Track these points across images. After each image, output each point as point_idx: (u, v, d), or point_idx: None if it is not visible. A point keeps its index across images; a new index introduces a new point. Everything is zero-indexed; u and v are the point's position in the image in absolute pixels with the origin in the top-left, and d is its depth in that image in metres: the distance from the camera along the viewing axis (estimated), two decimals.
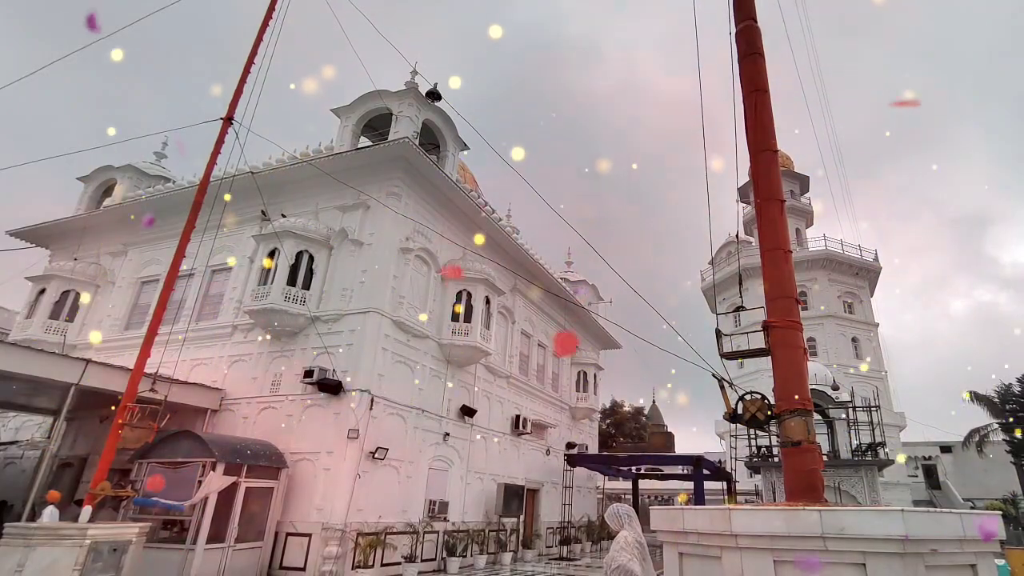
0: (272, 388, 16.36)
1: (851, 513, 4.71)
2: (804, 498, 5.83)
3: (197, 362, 17.68)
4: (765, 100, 7.57)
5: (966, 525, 4.64)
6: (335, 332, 16.27)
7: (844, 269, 41.21)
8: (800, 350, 6.59)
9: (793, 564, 4.63)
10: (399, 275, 17.35)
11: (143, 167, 24.36)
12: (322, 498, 14.30)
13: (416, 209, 18.19)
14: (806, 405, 6.20)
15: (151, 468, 13.19)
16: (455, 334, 18.82)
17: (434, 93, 17.60)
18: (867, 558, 4.41)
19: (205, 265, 18.78)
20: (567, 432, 28.70)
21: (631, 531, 5.60)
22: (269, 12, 12.97)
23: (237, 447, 13.63)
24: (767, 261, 6.98)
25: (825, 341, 38.47)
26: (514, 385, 23.63)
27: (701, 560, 5.43)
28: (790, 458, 6.16)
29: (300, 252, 16.86)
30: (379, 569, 14.51)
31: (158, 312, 11.28)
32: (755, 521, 4.95)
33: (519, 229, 25.98)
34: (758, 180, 7.40)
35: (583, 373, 30.43)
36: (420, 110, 19.12)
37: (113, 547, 9.56)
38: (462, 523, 18.52)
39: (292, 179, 18.53)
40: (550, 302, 27.16)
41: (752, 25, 7.96)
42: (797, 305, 6.75)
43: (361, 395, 15.20)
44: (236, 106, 12.18)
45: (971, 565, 4.71)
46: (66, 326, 20.56)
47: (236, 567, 12.93)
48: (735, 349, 7.47)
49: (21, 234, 23.71)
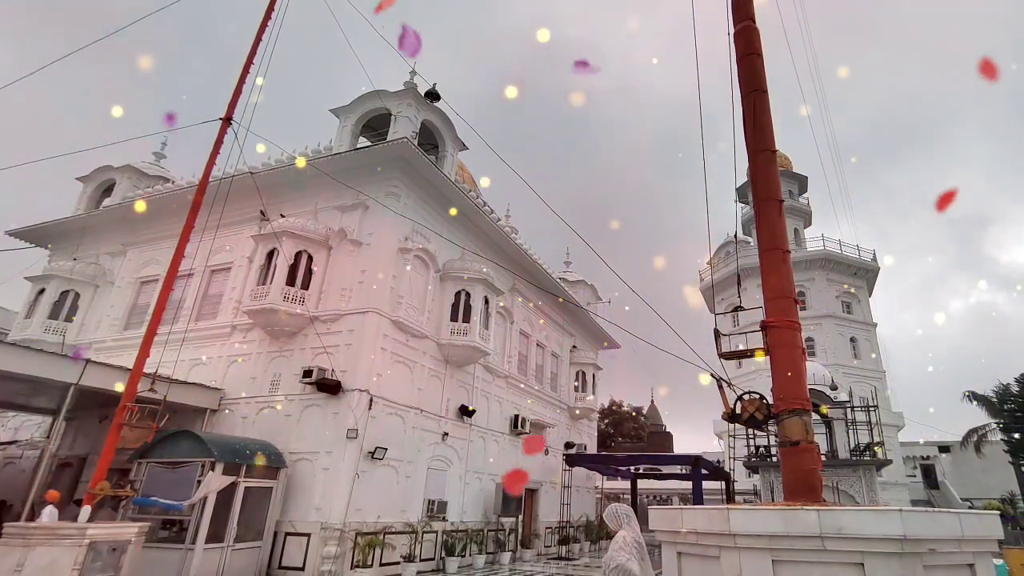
0: (271, 388, 16.36)
1: (849, 513, 4.71)
2: (802, 498, 5.82)
3: (196, 362, 17.69)
4: (763, 100, 7.57)
5: (964, 525, 4.65)
6: (334, 332, 16.28)
7: (842, 269, 41.22)
8: (799, 350, 6.59)
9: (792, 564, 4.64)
10: (398, 275, 17.35)
11: (142, 167, 24.38)
12: (321, 498, 14.31)
13: (415, 209, 18.19)
14: (804, 405, 6.21)
15: (150, 468, 13.20)
16: (454, 334, 18.83)
17: (433, 93, 17.62)
18: (865, 558, 4.41)
19: (204, 265, 18.79)
20: (566, 432, 28.71)
21: (630, 531, 5.62)
22: (268, 12, 12.97)
23: (236, 447, 13.63)
24: (765, 261, 6.98)
25: (823, 341, 38.49)
26: (513, 385, 23.63)
27: (700, 560, 5.42)
28: (788, 458, 6.16)
29: (299, 252, 16.85)
30: (378, 569, 14.52)
31: (157, 312, 11.28)
32: (753, 521, 4.95)
33: (517, 229, 25.99)
34: (756, 180, 7.40)
35: (582, 373, 30.42)
36: (419, 110, 19.13)
37: (112, 547, 9.57)
38: (461, 523, 18.53)
39: (291, 179, 18.51)
40: (549, 302, 27.17)
41: (750, 26, 7.96)
42: (795, 305, 6.76)
43: (360, 395, 15.21)
44: (235, 106, 12.19)
45: (969, 565, 4.71)
46: (65, 326, 20.56)
47: (235, 567, 12.93)
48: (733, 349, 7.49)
49: (20, 234, 23.70)
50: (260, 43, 12.62)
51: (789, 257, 6.98)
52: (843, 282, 40.96)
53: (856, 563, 4.45)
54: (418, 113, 19.12)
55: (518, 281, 23.94)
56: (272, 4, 13.05)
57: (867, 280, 42.13)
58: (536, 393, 25.86)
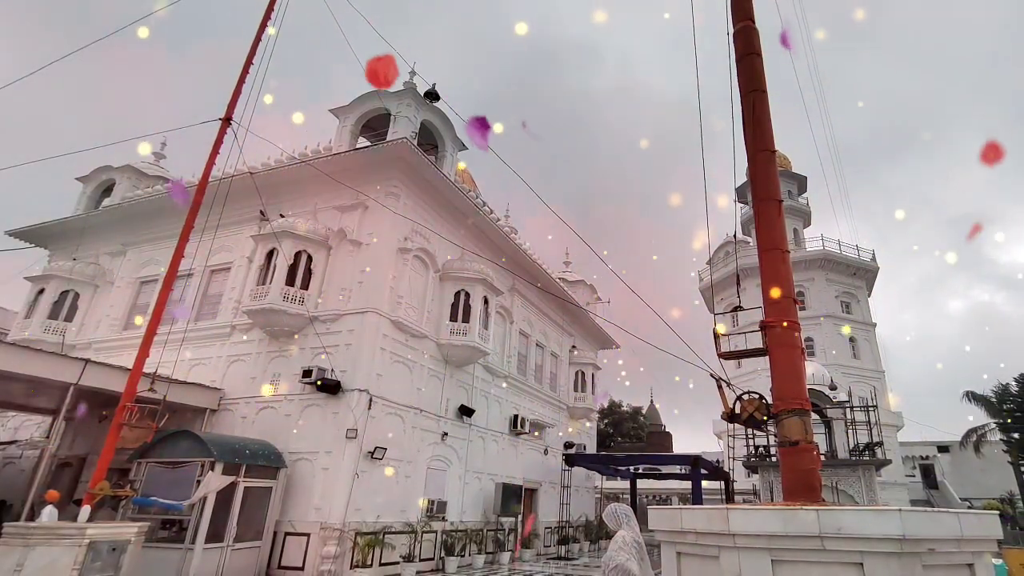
0: (271, 388, 16.35)
1: (849, 513, 4.69)
2: (802, 498, 5.80)
3: (196, 362, 17.69)
4: (763, 100, 7.57)
5: (963, 525, 4.64)
6: (333, 332, 16.28)
7: (842, 269, 41.23)
8: (798, 350, 6.59)
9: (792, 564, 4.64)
10: (397, 275, 17.36)
11: (142, 167, 24.35)
12: (320, 498, 14.31)
13: (414, 209, 18.19)
14: (804, 405, 6.21)
15: (150, 468, 13.20)
16: (453, 334, 18.84)
17: (432, 93, 17.60)
18: (865, 557, 4.40)
19: (204, 265, 18.78)
20: (565, 432, 28.74)
21: (629, 530, 5.62)
22: (267, 13, 12.97)
23: (236, 447, 13.64)
24: (765, 261, 6.98)
25: (823, 341, 38.48)
26: (512, 385, 23.64)
27: (699, 560, 5.40)
28: (788, 458, 6.15)
29: (298, 252, 16.86)
30: (377, 568, 14.52)
31: (157, 312, 11.29)
32: (753, 521, 4.93)
33: (517, 229, 26.00)
34: (756, 180, 7.40)
35: (581, 373, 30.43)
36: (418, 110, 19.14)
37: (112, 546, 9.59)
38: (460, 523, 18.53)
39: (291, 179, 18.50)
40: (548, 302, 27.17)
41: (750, 26, 7.96)
42: (795, 305, 6.76)
43: (359, 395, 15.22)
44: (235, 106, 12.20)
45: (968, 565, 4.70)
46: (65, 326, 20.56)
47: (235, 566, 12.94)
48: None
49: (20, 234, 23.70)
50: (259, 43, 12.63)
51: (788, 257, 6.97)
52: (842, 282, 40.94)
53: (855, 563, 4.43)
54: (417, 113, 19.12)
55: (517, 281, 23.94)
56: (271, 4, 13.05)
57: (866, 280, 42.14)
58: (536, 393, 25.88)
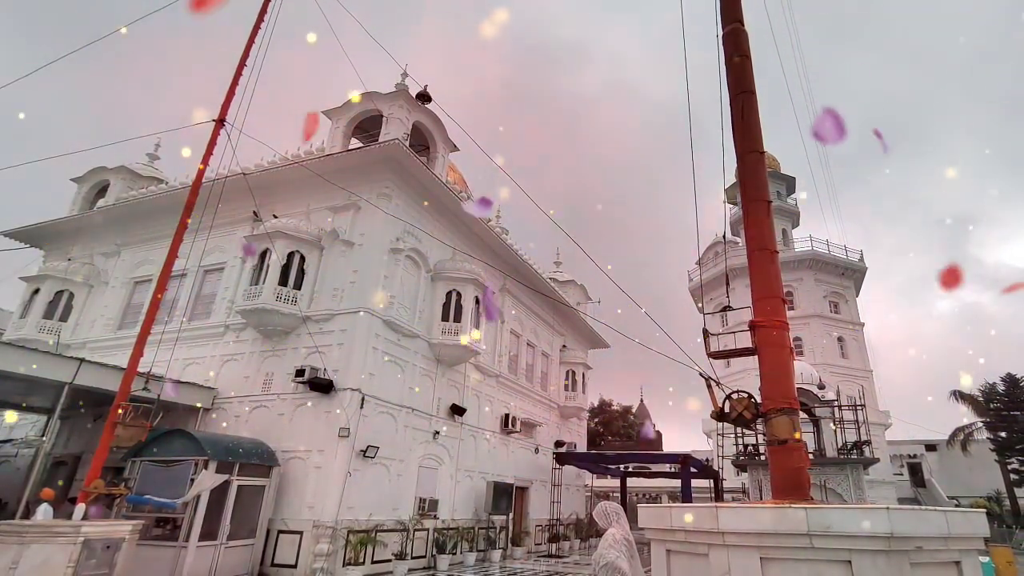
0: (264, 387, 16.40)
1: (837, 511, 4.73)
2: (790, 496, 5.86)
3: (190, 361, 17.72)
4: (752, 102, 7.65)
5: (951, 523, 4.69)
6: (326, 332, 16.34)
7: (830, 269, 41.45)
8: (786, 349, 6.67)
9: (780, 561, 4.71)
10: (389, 275, 17.42)
11: (136, 168, 24.29)
12: (313, 496, 14.37)
13: (406, 210, 18.26)
14: (792, 404, 6.29)
15: (144, 466, 13.23)
16: (445, 334, 18.92)
17: (424, 95, 17.66)
18: (853, 555, 4.44)
19: (197, 265, 18.76)
20: (556, 430, 28.86)
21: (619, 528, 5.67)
22: (261, 15, 13.00)
23: (229, 445, 13.68)
24: (754, 261, 7.06)
25: (811, 340, 38.72)
26: (503, 384, 23.73)
27: (688, 557, 5.46)
28: (776, 456, 6.21)
29: (291, 252, 16.90)
30: (370, 566, 14.60)
31: (151, 312, 11.32)
32: (742, 519, 4.96)
33: (508, 229, 26.07)
34: (745, 181, 7.47)
35: (572, 372, 30.58)
36: (410, 112, 19.23)
37: (106, 544, 9.62)
38: (452, 521, 18.62)
39: (283, 180, 18.54)
40: (539, 302, 27.27)
41: (739, 28, 8.04)
42: (783, 305, 6.84)
43: (352, 394, 15.28)
44: (228, 108, 12.23)
45: (955, 562, 4.75)
46: (60, 326, 20.53)
47: (228, 564, 12.98)
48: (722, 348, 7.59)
49: (15, 234, 23.64)
50: (253, 45, 12.66)
51: (777, 257, 7.05)
52: (830, 282, 41.18)
53: (844, 560, 4.47)
54: (409, 115, 19.22)
55: (508, 281, 24.02)
56: (265, 6, 13.08)
57: (854, 280, 42.40)
58: (527, 392, 25.98)
